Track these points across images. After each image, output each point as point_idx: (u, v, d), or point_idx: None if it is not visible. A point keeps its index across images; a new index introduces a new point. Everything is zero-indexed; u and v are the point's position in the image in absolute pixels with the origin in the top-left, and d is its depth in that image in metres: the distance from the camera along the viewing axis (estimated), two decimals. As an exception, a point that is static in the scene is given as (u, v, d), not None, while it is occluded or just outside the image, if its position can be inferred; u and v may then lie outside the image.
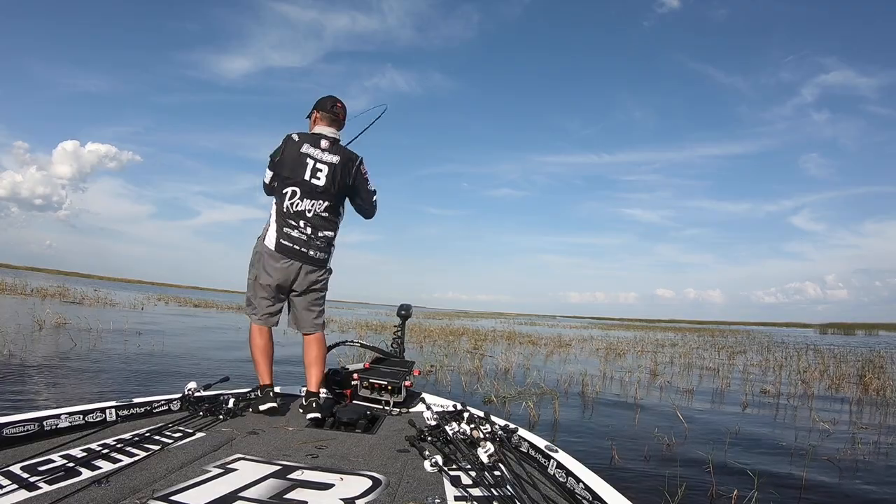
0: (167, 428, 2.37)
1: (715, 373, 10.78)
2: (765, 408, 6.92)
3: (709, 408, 6.76)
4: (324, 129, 3.03)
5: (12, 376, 5.47)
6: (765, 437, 5.13)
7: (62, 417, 2.26)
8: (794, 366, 12.51)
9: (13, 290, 20.87)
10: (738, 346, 20.86)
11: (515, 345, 15.40)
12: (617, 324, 71.06)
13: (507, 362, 9.37)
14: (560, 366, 10.61)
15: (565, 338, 19.98)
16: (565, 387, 7.40)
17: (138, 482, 1.73)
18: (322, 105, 3.07)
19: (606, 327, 44.00)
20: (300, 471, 1.99)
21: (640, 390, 7.34)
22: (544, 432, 4.89)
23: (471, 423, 2.48)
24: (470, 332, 19.35)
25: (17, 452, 1.91)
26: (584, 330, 32.81)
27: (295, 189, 2.93)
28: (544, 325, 37.68)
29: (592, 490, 1.80)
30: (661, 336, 28.01)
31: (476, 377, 7.83)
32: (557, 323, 48.80)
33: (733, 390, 8.39)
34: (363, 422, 2.87)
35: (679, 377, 9.69)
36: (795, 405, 7.18)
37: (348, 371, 3.52)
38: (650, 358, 13.23)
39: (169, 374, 6.66)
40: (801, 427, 5.66)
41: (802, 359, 14.44)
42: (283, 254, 2.92)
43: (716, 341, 24.15)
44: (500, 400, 6.09)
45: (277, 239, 2.92)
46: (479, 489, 1.85)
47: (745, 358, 14.89)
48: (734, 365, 12.39)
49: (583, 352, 14.74)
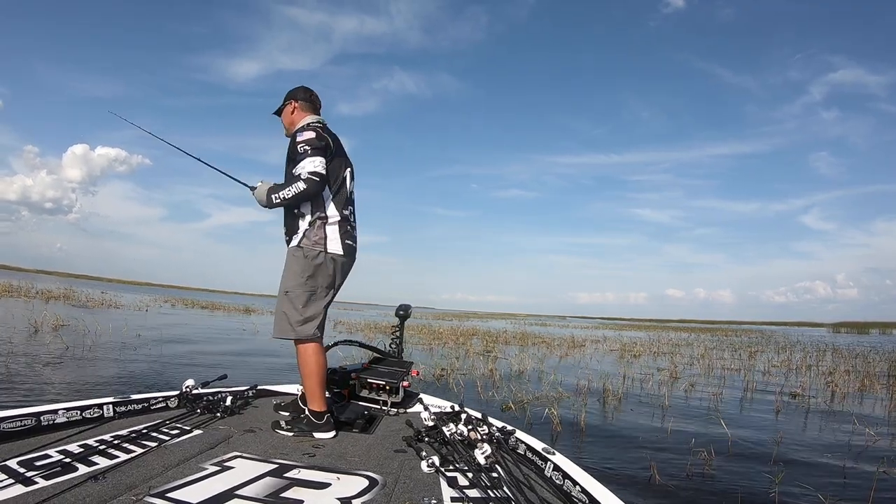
0: (164, 425, 2.38)
1: (736, 374, 10.39)
2: (799, 414, 6.44)
3: (740, 414, 6.29)
4: (316, 117, 2.85)
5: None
6: (812, 447, 4.69)
7: (59, 413, 2.26)
8: (818, 366, 12.05)
9: (18, 292, 20.68)
10: (754, 346, 20.31)
11: (528, 346, 14.97)
12: (628, 324, 70.46)
13: (522, 365, 8.96)
14: (576, 368, 10.18)
15: (578, 338, 19.53)
16: (585, 391, 6.94)
17: (135, 479, 1.74)
18: (299, 94, 2.87)
19: (618, 327, 43.47)
20: (297, 469, 2.00)
21: (664, 394, 6.89)
22: (567, 443, 4.47)
23: (468, 424, 2.47)
24: (481, 334, 19.02)
25: (13, 447, 1.92)
26: (596, 330, 32.30)
27: (351, 169, 2.81)
28: (555, 326, 37.17)
29: (589, 493, 1.80)
30: (674, 336, 27.48)
31: (491, 381, 7.39)
32: (568, 323, 48.22)
33: (761, 393, 7.97)
34: (361, 422, 2.86)
35: (702, 380, 9.22)
36: (831, 409, 6.73)
37: (346, 371, 3.45)
38: (668, 359, 12.81)
39: (165, 373, 6.45)
40: (843, 435, 5.20)
41: (823, 359, 13.93)
42: (350, 256, 2.74)
43: (730, 341, 23.63)
44: (519, 406, 5.65)
45: (343, 240, 2.68)
46: (475, 490, 1.86)
47: (765, 358, 14.38)
48: (755, 366, 11.89)
49: (597, 353, 14.32)
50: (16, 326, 9.58)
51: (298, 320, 2.59)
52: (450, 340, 14.69)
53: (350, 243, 2.72)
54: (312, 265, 2.61)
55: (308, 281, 2.61)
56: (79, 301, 19.81)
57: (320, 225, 2.62)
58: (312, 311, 2.62)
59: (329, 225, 2.63)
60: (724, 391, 7.78)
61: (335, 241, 2.64)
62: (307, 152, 2.54)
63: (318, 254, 2.61)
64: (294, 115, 2.84)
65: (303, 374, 2.64)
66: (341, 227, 2.66)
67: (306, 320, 2.60)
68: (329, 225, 2.63)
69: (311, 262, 2.61)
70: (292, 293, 2.61)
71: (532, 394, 6.36)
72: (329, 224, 2.63)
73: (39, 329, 9.45)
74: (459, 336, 16.46)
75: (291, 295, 2.61)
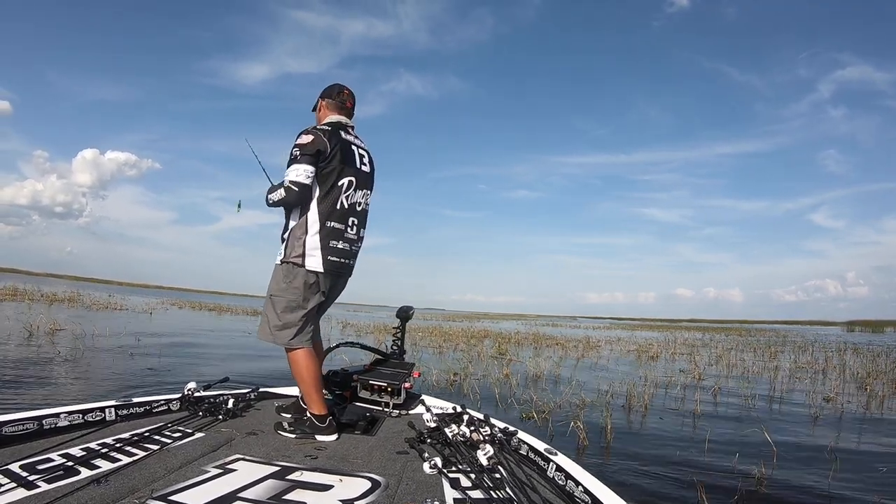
0: (167, 428, 2.37)
1: (760, 376, 9.92)
2: (839, 420, 6.00)
3: (776, 420, 5.84)
4: (339, 118, 2.72)
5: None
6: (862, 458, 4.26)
7: (61, 416, 2.26)
8: (843, 367, 11.54)
9: (22, 295, 20.47)
10: (772, 346, 19.70)
11: (542, 348, 14.53)
12: (639, 324, 69.73)
13: (539, 369, 8.53)
14: (594, 371, 9.76)
15: (593, 340, 19.05)
16: (608, 397, 6.48)
17: (137, 482, 1.73)
18: (329, 93, 2.77)
19: (630, 328, 42.91)
20: (299, 472, 2.00)
21: (693, 400, 6.45)
22: (596, 460, 4.07)
23: (470, 425, 2.45)
24: (493, 335, 18.64)
25: (16, 451, 1.92)
26: (608, 331, 31.76)
27: (351, 179, 2.60)
28: (566, 327, 36.64)
29: (591, 493, 1.79)
30: (688, 336, 26.96)
31: (508, 387, 6.95)
32: (579, 324, 47.63)
33: (792, 398, 7.52)
34: (363, 423, 2.85)
35: (727, 382, 8.72)
36: (871, 415, 6.29)
37: (348, 372, 3.44)
38: (687, 360, 12.37)
39: (167, 376, 6.29)
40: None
41: (845, 358, 13.42)
42: (333, 273, 2.61)
43: (746, 341, 23.06)
44: (541, 416, 5.21)
45: (325, 257, 2.54)
46: (478, 492, 1.85)
47: (787, 359, 13.86)
48: (778, 367, 11.36)
49: (614, 354, 13.88)
50: (10, 330, 9.28)
51: (277, 325, 2.57)
52: (461, 342, 14.31)
53: (334, 259, 2.56)
54: (292, 277, 2.55)
55: (287, 291, 2.56)
56: (83, 304, 19.57)
57: (300, 236, 2.53)
58: (290, 319, 2.56)
59: (310, 237, 2.51)
60: (754, 395, 7.30)
61: (314, 256, 2.52)
62: (296, 158, 2.46)
63: (295, 270, 2.54)
64: (320, 113, 2.78)
65: (295, 380, 2.64)
66: (323, 240, 2.52)
67: (284, 326, 2.56)
68: (310, 237, 2.51)
69: (292, 275, 2.55)
70: (274, 298, 2.59)
71: (553, 401, 5.93)
72: (310, 236, 2.51)
73: (34, 333, 9.11)
74: (471, 338, 16.10)
75: (273, 299, 2.59)
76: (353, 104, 2.79)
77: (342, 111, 2.74)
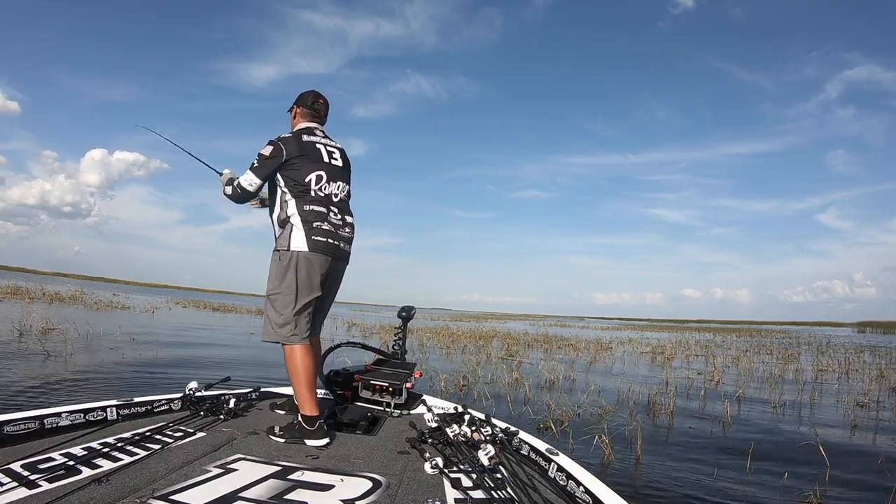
0: (168, 427, 2.37)
1: (782, 379, 9.43)
2: (880, 429, 5.55)
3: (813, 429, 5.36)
4: (307, 125, 2.84)
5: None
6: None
7: (63, 416, 2.26)
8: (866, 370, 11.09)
9: (23, 294, 20.21)
10: (786, 347, 19.18)
11: (553, 349, 14.11)
12: (647, 324, 69.12)
13: (552, 372, 8.12)
14: (610, 374, 9.34)
15: (604, 341, 18.57)
16: (629, 404, 6.06)
17: (139, 481, 1.74)
18: (303, 101, 2.89)
19: (639, 328, 42.40)
20: (301, 471, 2.00)
21: (718, 406, 6.02)
22: (625, 481, 3.66)
23: (472, 425, 2.44)
24: (501, 336, 18.31)
25: (17, 450, 1.92)
26: (618, 332, 31.25)
27: (320, 173, 2.68)
28: (575, 327, 36.21)
29: (593, 493, 1.79)
30: (699, 337, 26.49)
31: (522, 392, 6.55)
32: (587, 325, 47.16)
33: (823, 403, 7.10)
34: (364, 423, 2.86)
35: (749, 386, 8.25)
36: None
37: (349, 372, 3.43)
38: (703, 362, 11.91)
39: (167, 376, 6.18)
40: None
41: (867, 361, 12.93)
42: (322, 251, 2.63)
43: (758, 342, 22.56)
44: (559, 427, 4.76)
45: (309, 237, 2.60)
46: (479, 491, 1.85)
47: (806, 361, 13.37)
48: (801, 370, 10.87)
49: (627, 356, 13.43)
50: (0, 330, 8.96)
51: (278, 322, 2.58)
52: (469, 343, 13.93)
53: (320, 239, 2.62)
54: (284, 266, 2.60)
55: (284, 283, 2.60)
56: (86, 303, 19.31)
57: (287, 226, 2.63)
58: (290, 313, 2.57)
59: (295, 227, 2.61)
60: (782, 402, 6.84)
61: (299, 238, 2.59)
62: (253, 165, 2.64)
63: (286, 254, 2.60)
64: (294, 119, 2.92)
65: (290, 377, 2.59)
66: (306, 225, 2.61)
67: (284, 323, 2.58)
68: (295, 227, 2.61)
69: (283, 263, 2.60)
70: (272, 296, 2.62)
71: (570, 409, 5.50)
72: (295, 227, 2.61)
73: (25, 333, 8.75)
74: (479, 339, 15.74)
75: (272, 298, 2.62)
76: (326, 112, 2.93)
77: (315, 119, 2.89)
